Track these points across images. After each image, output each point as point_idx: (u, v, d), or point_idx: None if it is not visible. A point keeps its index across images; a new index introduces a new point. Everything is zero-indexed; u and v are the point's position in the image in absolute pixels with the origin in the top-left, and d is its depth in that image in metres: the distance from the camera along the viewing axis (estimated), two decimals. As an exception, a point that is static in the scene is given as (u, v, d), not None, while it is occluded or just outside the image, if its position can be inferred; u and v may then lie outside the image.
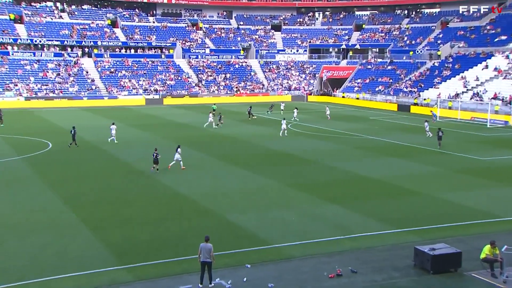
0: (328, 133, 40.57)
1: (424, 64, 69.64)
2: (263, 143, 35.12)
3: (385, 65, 74.23)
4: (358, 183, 23.79)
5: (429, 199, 20.94)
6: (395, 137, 38.29)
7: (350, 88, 73.41)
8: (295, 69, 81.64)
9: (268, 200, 21.03)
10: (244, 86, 75.00)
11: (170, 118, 49.97)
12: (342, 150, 32.68)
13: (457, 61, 64.02)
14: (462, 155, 30.67)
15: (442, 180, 24.27)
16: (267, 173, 25.76)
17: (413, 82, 65.44)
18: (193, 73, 75.67)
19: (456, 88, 57.67)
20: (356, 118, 51.66)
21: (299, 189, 22.61)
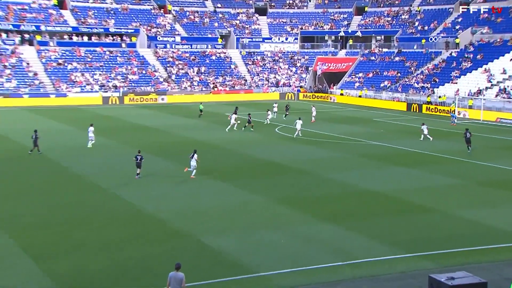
0: (324, 137, 40.86)
1: (439, 54, 70.83)
2: (248, 150, 35.19)
3: (392, 56, 75.29)
4: (361, 198, 23.99)
5: (446, 217, 21.22)
6: (405, 142, 38.78)
7: (350, 84, 74.20)
8: (284, 61, 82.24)
9: (253, 219, 21.04)
10: (222, 81, 75.22)
11: (133, 120, 49.82)
12: (341, 159, 32.95)
13: (480, 50, 65.27)
14: (485, 164, 31.20)
15: (462, 194, 24.64)
16: (252, 186, 25.82)
17: (425, 76, 66.49)
18: (160, 66, 75.65)
19: (478, 83, 58.77)
20: (357, 120, 52.18)
21: (289, 205, 22.68)
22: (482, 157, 33.29)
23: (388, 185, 26.21)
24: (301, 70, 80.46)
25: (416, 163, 31.44)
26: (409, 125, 46.28)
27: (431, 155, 34.12)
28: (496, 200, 23.66)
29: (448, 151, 35.18)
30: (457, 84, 60.90)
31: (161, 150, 34.84)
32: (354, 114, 57.82)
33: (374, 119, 53.29)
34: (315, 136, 41.57)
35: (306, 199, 23.73)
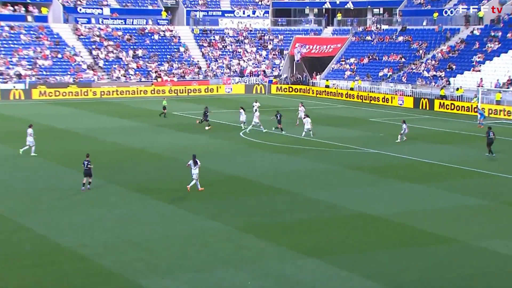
0: (306, 144, 41.21)
1: (456, 32, 72.33)
2: (204, 161, 35.20)
3: (394, 35, 76.61)
4: (353, 225, 24.27)
5: (467, 250, 21.62)
6: (411, 149, 39.46)
7: (338, 72, 75.13)
8: (251, 42, 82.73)
9: (210, 253, 21.06)
10: (168, 69, 75.23)
11: (45, 121, 49.24)
12: (327, 172, 33.27)
13: (510, 27, 66.64)
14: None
15: (488, 219, 25.14)
16: (210, 209, 25.87)
17: (438, 62, 67.88)
18: (83, 48, 75.21)
19: (508, 71, 60.21)
20: (348, 121, 52.85)
21: (259, 235, 22.79)
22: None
23: (390, 207, 26.57)
24: (273, 54, 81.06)
25: (426, 178, 32.00)
26: (417, 127, 47.14)
27: (445, 166, 34.79)
28: (530, 225, 24.32)
29: (468, 161, 35.94)
30: (480, 72, 62.33)
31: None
32: (344, 112, 58.51)
33: (370, 119, 54.07)
34: (294, 142, 41.85)
35: (280, 227, 23.85)
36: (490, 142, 36.54)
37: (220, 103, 62.82)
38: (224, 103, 64.32)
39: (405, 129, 41.84)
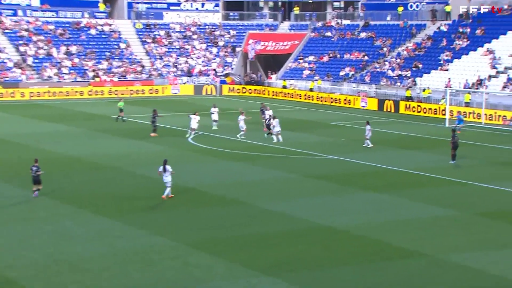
0: (262, 150, 41.27)
1: (422, 28, 73.58)
2: (146, 170, 35.09)
3: (356, 31, 77.48)
4: (314, 239, 24.32)
5: (435, 264, 21.87)
6: (376, 156, 39.84)
7: (296, 71, 75.57)
8: (200, 38, 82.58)
9: (155, 273, 20.81)
10: (107, 68, 74.56)
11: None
12: (286, 181, 33.36)
13: (480, 22, 68.16)
14: (489, 187, 32.57)
15: (458, 231, 25.49)
16: (155, 224, 25.67)
17: (403, 60, 68.89)
18: (8, 43, 74.02)
19: (478, 70, 61.45)
20: (307, 125, 53.13)
21: (210, 251, 22.66)
22: (484, 176, 34.70)
23: (352, 219, 26.72)
24: (225, 51, 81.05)
25: (392, 186, 32.32)
26: (382, 131, 47.66)
27: (412, 174, 35.20)
28: (506, 238, 24.64)
29: (436, 168, 36.42)
30: (448, 71, 63.46)
31: (10, 173, 33.87)
32: (303, 115, 58.79)
33: (331, 122, 54.45)
34: (249, 148, 41.86)
35: (234, 242, 23.77)
36: (455, 146, 37.05)
37: (166, 106, 62.45)
38: (171, 105, 63.99)
39: (368, 131, 42.12)
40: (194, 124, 45.33)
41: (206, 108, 54.43)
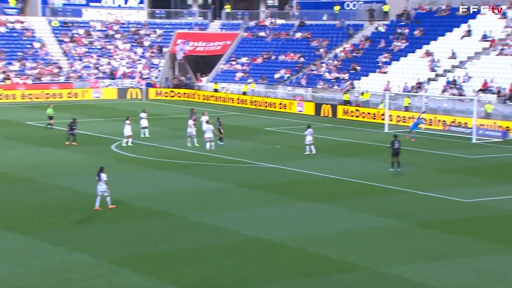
0: (190, 158, 41.15)
1: (360, 29, 74.74)
2: (63, 181, 34.63)
3: (291, 30, 78.12)
4: (247, 252, 24.33)
5: (375, 278, 22.15)
6: (313, 163, 40.18)
7: (228, 74, 75.68)
8: (124, 38, 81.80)
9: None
10: (20, 70, 73.18)
11: None
12: (217, 191, 33.37)
13: (418, 23, 69.84)
14: (429, 195, 33.24)
15: (398, 243, 25.85)
16: (74, 240, 25.28)
17: (341, 62, 69.79)
18: None
19: (417, 73, 62.77)
20: (240, 130, 53.23)
21: (135, 268, 22.42)
22: (424, 184, 35.39)
23: (289, 230, 26.82)
24: (151, 52, 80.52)
25: (330, 196, 32.63)
26: (319, 137, 48.08)
27: (351, 182, 35.63)
28: (448, 249, 25.08)
29: (376, 176, 36.98)
30: (386, 74, 64.61)
31: None
32: (236, 121, 58.88)
33: (266, 128, 54.70)
34: (177, 156, 41.69)
35: (161, 258, 23.55)
36: (395, 153, 37.71)
37: (86, 111, 61.67)
38: (92, 110, 63.23)
39: (306, 135, 42.36)
40: (128, 130, 44.71)
41: (131, 113, 53.93)
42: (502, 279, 21.77)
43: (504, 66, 58.31)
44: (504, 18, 63.89)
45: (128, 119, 45.16)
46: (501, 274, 22.26)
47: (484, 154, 44.15)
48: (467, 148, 46.05)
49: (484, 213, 29.81)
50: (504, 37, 62.25)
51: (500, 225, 28.06)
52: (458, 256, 23.94)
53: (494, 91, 55.09)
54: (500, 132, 49.66)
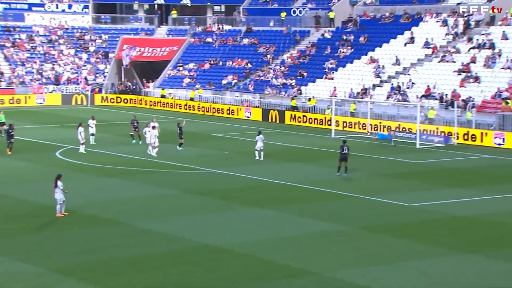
0: (136, 165, 41.00)
1: (306, 35, 75.30)
2: (8, 189, 34.26)
3: (239, 36, 78.30)
4: (195, 259, 24.32)
5: (323, 283, 22.22)
6: (261, 169, 40.39)
7: (175, 80, 75.49)
8: (68, 43, 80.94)
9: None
10: (-42, 75, 71.83)
11: None
12: (165, 198, 33.33)
13: (363, 30, 70.73)
14: (375, 200, 33.68)
15: (345, 247, 26.10)
16: (17, 249, 24.94)
17: (288, 68, 70.21)
18: None
19: (362, 79, 63.58)
20: (188, 137, 52.97)
21: (81, 277, 22.19)
22: (370, 189, 35.81)
23: (236, 236, 26.92)
24: (97, 58, 79.85)
25: (277, 201, 32.83)
26: (267, 143, 48.20)
27: (299, 187, 35.89)
28: (393, 253, 25.42)
29: (324, 181, 37.32)
30: (333, 80, 65.24)
31: None
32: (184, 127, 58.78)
33: (213, 134, 54.72)
34: (124, 163, 41.49)
35: (107, 266, 23.42)
36: (343, 158, 38.12)
37: (30, 117, 60.88)
38: (35, 117, 62.46)
39: (257, 141, 42.53)
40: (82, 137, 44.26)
41: (77, 120, 53.45)
42: (445, 282, 22.22)
43: (446, 72, 59.39)
44: (445, 26, 65.08)
45: (81, 126, 44.68)
46: (444, 276, 22.70)
47: (427, 159, 44.90)
48: (411, 153, 46.77)
49: (427, 217, 30.34)
50: (445, 44, 63.42)
51: (443, 229, 28.60)
52: (403, 260, 24.32)
53: (437, 97, 56.06)
54: (443, 137, 50.55)
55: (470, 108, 52.26)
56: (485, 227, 28.68)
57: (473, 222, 29.43)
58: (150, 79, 76.53)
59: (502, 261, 24.17)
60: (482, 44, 60.16)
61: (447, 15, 66.12)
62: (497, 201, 33.45)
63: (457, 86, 56.36)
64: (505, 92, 52.99)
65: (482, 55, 58.88)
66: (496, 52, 58.30)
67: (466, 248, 25.64)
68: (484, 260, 24.20)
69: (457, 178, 39.20)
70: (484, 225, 29.03)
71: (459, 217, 30.20)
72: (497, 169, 42.01)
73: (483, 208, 31.86)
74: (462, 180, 38.54)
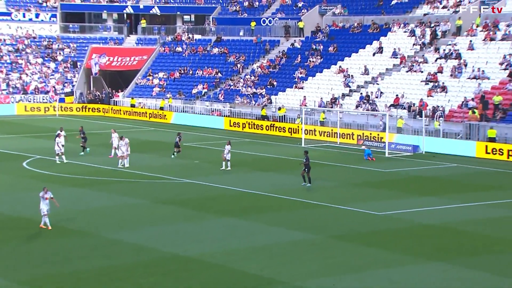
0: (108, 175, 40.93)
1: (276, 44, 75.68)
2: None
3: (208, 46, 78.41)
4: (165, 269, 24.36)
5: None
6: (232, 179, 40.49)
7: (145, 89, 75.38)
8: (36, 52, 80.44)
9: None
10: None
11: None
12: (134, 207, 33.30)
13: (332, 39, 71.31)
14: (344, 208, 33.96)
15: (314, 256, 26.28)
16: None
17: (258, 77, 70.46)
18: None
19: (332, 88, 63.98)
20: (158, 146, 53.10)
21: (36, 285, 22.17)
22: (339, 198, 36.16)
23: (207, 246, 26.95)
24: (65, 67, 79.47)
25: (248, 211, 32.99)
26: (237, 152, 48.43)
27: (268, 196, 36.07)
28: (362, 261, 25.65)
29: (292, 190, 37.53)
30: (303, 89, 65.60)
31: None
32: (154, 136, 58.74)
33: (184, 144, 54.70)
34: (93, 172, 41.39)
35: (76, 278, 23.32)
36: (305, 170, 38.03)
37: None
38: (2, 127, 61.96)
39: (225, 150, 42.65)
40: (60, 147, 43.74)
41: (45, 129, 53.24)
42: None
43: (413, 82, 60.06)
44: (412, 36, 65.79)
45: (59, 136, 44.23)
46: (412, 284, 22.99)
47: (396, 167, 45.33)
48: (380, 162, 47.15)
49: (396, 226, 30.68)
50: (413, 54, 64.12)
51: (411, 237, 28.94)
52: (372, 268, 24.57)
53: (405, 106, 56.64)
54: (411, 146, 51.05)
55: (438, 118, 52.86)
56: (451, 235, 29.07)
57: (440, 230, 29.80)
58: (119, 89, 76.30)
59: (467, 269, 24.55)
60: (449, 54, 60.94)
61: (415, 25, 66.87)
62: (463, 210, 33.95)
63: (424, 96, 57.02)
64: (471, 101, 53.68)
65: (449, 65, 59.64)
66: (462, 62, 59.04)
67: (433, 256, 25.97)
68: (450, 268, 24.55)
69: (425, 186, 39.62)
70: (450, 233, 29.43)
71: (427, 225, 30.56)
72: (464, 177, 42.54)
73: (450, 217, 32.27)
74: (429, 188, 38.97)
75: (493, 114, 51.97)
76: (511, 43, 58.99)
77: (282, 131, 59.80)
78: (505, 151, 47.85)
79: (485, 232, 29.73)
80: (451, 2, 67.51)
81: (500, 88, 54.57)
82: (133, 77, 76.73)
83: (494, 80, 55.95)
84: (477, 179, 42.16)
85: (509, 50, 58.21)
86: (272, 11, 79.59)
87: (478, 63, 58.39)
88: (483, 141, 49.57)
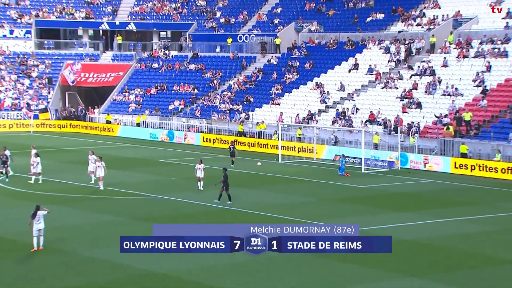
0: (83, 192, 40.76)
1: (253, 61, 76.07)
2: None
3: (185, 62, 78.54)
4: (139, 285, 24.33)
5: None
6: (208, 195, 40.50)
7: (121, 105, 75.29)
8: (10, 68, 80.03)
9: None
10: None
11: None
12: (111, 225, 33.25)
13: (308, 56, 71.86)
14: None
15: (291, 272, 26.50)
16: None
17: (234, 94, 70.69)
18: None
19: (308, 104, 64.35)
20: (135, 163, 53.03)
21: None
22: (317, 214, 36.30)
23: (181, 263, 26.92)
24: (39, 83, 79.10)
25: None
26: (213, 169, 48.48)
27: (247, 213, 36.15)
28: (338, 277, 25.94)
29: (272, 206, 37.78)
30: (280, 105, 65.92)
31: None
32: (130, 153, 58.62)
33: (160, 160, 54.67)
34: (68, 189, 41.22)
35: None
36: (225, 186, 37.56)
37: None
38: None
39: (197, 170, 42.46)
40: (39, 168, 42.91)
41: (19, 146, 52.90)
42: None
43: (389, 98, 60.59)
44: (387, 53, 66.43)
45: (37, 156, 43.52)
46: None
47: (372, 183, 45.64)
48: (356, 177, 47.44)
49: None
50: (388, 70, 64.71)
51: (387, 253, 29.05)
52: (349, 284, 24.76)
53: (381, 123, 57.07)
54: (387, 162, 51.41)
55: (413, 134, 53.30)
56: (427, 251, 29.31)
57: (416, 246, 30.04)
58: (95, 105, 76.11)
59: (442, 284, 24.76)
60: (423, 71, 61.55)
61: (389, 42, 67.51)
62: (439, 225, 34.23)
63: (400, 112, 57.49)
64: (445, 118, 54.20)
65: (423, 82, 60.23)
66: (436, 78, 59.66)
67: (409, 271, 26.20)
68: (426, 284, 24.79)
69: (401, 202, 39.93)
70: (426, 248, 29.68)
71: (403, 241, 30.74)
72: (439, 193, 42.90)
73: (426, 232, 32.53)
74: (405, 204, 39.28)
75: (466, 130, 52.51)
76: (483, 60, 59.69)
77: (257, 147, 59.82)
78: (476, 167, 48.38)
79: (460, 247, 30.04)
80: (425, 20, 68.28)
81: (473, 104, 55.19)
82: (109, 94, 76.59)
83: (467, 97, 56.57)
84: (452, 195, 42.55)
85: (482, 67, 58.90)
86: (249, 28, 79.97)
87: (451, 79, 59.05)
88: (457, 157, 50.04)
